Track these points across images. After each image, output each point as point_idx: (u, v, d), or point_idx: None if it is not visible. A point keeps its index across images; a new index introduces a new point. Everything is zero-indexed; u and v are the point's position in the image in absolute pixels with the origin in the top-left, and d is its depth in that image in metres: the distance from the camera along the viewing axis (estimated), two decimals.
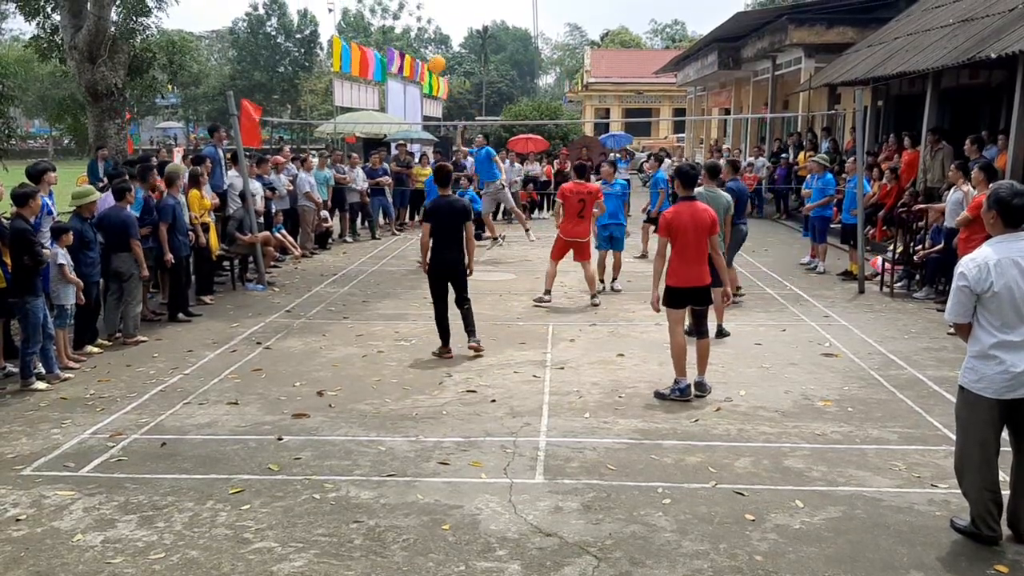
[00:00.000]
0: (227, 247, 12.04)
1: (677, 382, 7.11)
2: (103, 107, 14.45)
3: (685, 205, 7.09)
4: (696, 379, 7.21)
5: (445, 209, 8.34)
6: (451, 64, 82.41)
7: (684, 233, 6.99)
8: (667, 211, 7.17)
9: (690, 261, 7.05)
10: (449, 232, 8.34)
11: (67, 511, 5.08)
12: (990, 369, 4.46)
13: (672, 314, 7.19)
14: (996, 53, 11.03)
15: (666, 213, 7.13)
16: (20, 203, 7.62)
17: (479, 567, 4.40)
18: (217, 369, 8.04)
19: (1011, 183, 4.75)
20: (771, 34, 22.62)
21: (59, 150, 52.37)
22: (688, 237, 7.00)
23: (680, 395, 7.04)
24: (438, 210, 8.36)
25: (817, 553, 4.51)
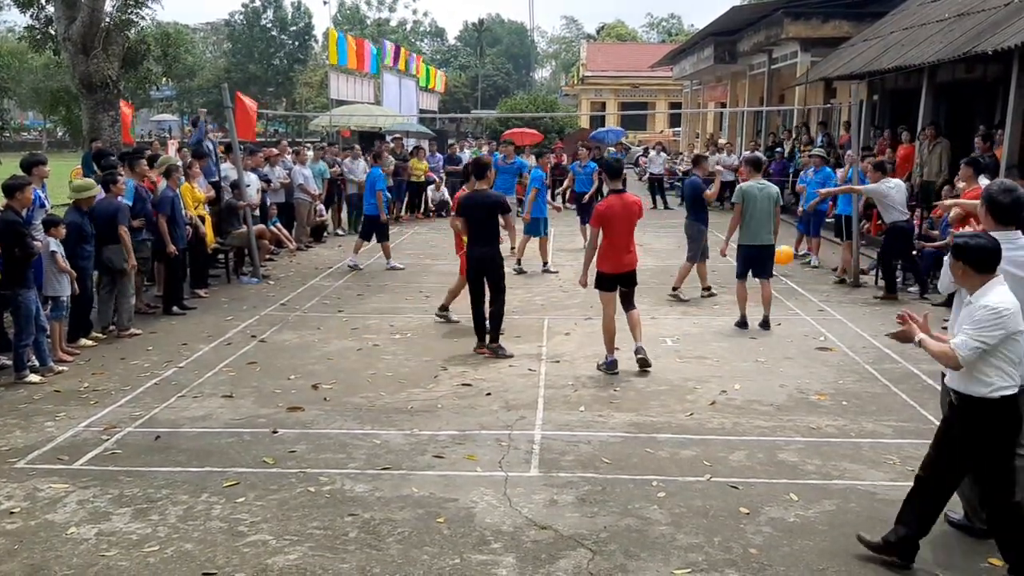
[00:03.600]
0: (222, 240, 12.01)
1: (606, 357, 7.67)
2: (97, 99, 14.40)
3: (616, 197, 7.61)
4: (635, 346, 7.69)
5: (478, 203, 8.27)
6: (447, 57, 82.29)
7: (616, 223, 7.50)
8: (600, 203, 7.72)
9: (621, 249, 7.58)
10: (482, 226, 8.25)
11: (61, 504, 5.07)
12: None
13: (605, 297, 7.69)
14: (992, 48, 11.04)
15: (599, 206, 7.68)
16: (9, 194, 7.59)
17: (474, 560, 4.41)
18: (212, 362, 8.03)
19: (1001, 181, 4.77)
20: (767, 28, 22.61)
21: (53, 142, 52.25)
22: (620, 227, 7.54)
23: (608, 369, 7.60)
24: (471, 204, 8.31)
25: (811, 546, 4.52)
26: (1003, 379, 3.98)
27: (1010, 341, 3.94)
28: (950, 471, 4.23)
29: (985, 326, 3.90)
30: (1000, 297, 3.95)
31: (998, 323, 3.89)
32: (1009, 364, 3.97)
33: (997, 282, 4.02)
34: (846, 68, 17.01)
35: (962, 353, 3.93)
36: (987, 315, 3.91)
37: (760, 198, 9.06)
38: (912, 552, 4.32)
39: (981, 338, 3.90)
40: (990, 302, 3.93)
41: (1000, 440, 4.07)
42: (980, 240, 4.08)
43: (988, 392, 3.99)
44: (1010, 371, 3.98)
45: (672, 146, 35.47)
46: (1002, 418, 4.03)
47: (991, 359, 3.95)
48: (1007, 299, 3.95)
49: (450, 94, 63.72)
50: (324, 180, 16.04)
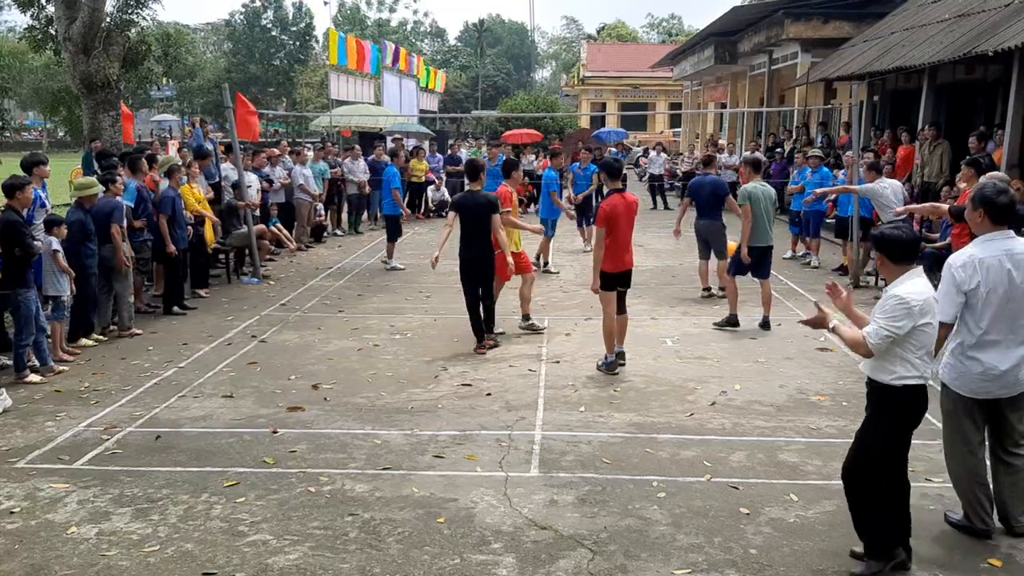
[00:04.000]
0: (223, 240, 12.02)
1: (607, 357, 7.70)
2: (97, 99, 14.41)
3: (618, 196, 7.61)
4: (617, 349, 7.73)
5: (472, 203, 8.35)
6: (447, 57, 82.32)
7: (620, 222, 7.54)
8: (604, 203, 7.65)
9: (623, 248, 7.64)
10: (476, 227, 8.32)
11: (61, 504, 5.07)
12: (972, 369, 4.48)
13: (607, 296, 7.69)
14: (992, 48, 11.04)
15: (604, 205, 7.63)
16: (9, 194, 7.59)
17: (474, 560, 4.41)
18: (212, 362, 8.03)
19: (994, 182, 4.76)
20: (767, 29, 22.60)
21: (53, 142, 52.23)
22: (623, 226, 7.59)
23: (608, 369, 7.64)
24: (465, 204, 8.40)
25: (812, 547, 4.52)
26: (907, 369, 4.06)
27: (917, 332, 4.01)
28: (877, 450, 4.22)
29: (894, 315, 3.98)
30: (910, 288, 4.03)
31: (906, 313, 3.97)
32: (914, 355, 4.05)
33: (914, 273, 4.11)
34: (846, 69, 17.01)
35: (872, 341, 4.02)
36: (896, 305, 3.99)
37: (763, 199, 9.13)
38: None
39: (889, 327, 3.98)
40: (900, 292, 4.02)
41: (895, 427, 4.15)
42: (897, 232, 4.16)
43: (891, 380, 4.08)
44: (915, 362, 4.06)
45: (672, 147, 35.46)
46: (901, 407, 4.11)
47: (897, 349, 4.04)
48: (917, 290, 4.02)
49: (450, 94, 63.78)
50: (324, 180, 16.04)
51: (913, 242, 4.14)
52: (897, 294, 4.02)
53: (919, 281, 4.07)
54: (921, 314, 3.99)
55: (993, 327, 4.42)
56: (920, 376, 4.08)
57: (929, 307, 4.03)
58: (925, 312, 4.00)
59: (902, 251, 4.13)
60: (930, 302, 4.04)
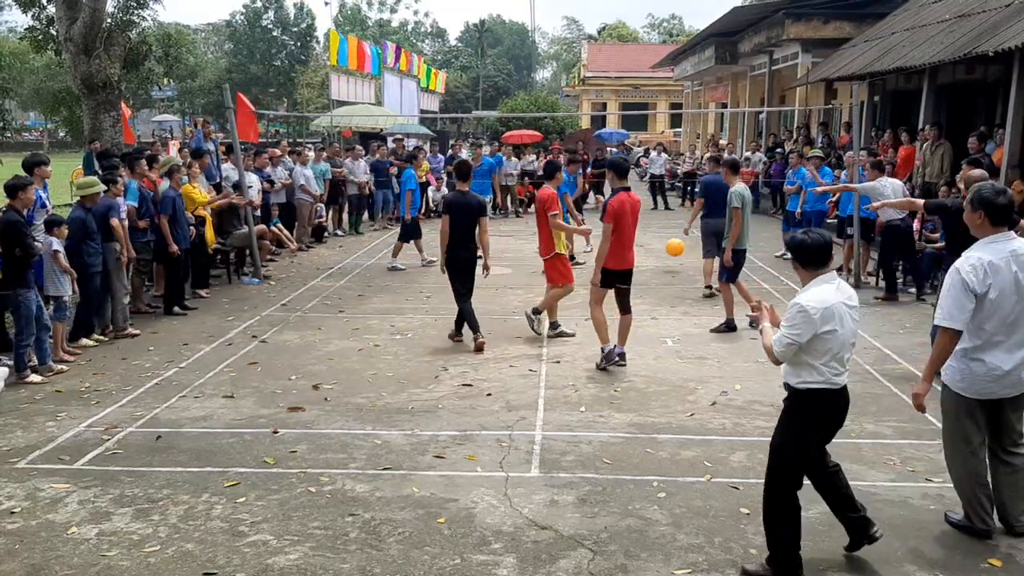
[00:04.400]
0: (223, 240, 12.02)
1: (603, 348, 7.79)
2: (98, 99, 14.39)
3: (624, 194, 7.70)
4: (618, 350, 7.80)
5: (463, 205, 8.52)
6: (448, 58, 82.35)
7: (626, 219, 7.66)
8: (612, 200, 7.72)
9: (627, 245, 7.79)
10: (466, 228, 8.48)
11: (62, 504, 5.08)
12: (975, 370, 4.47)
13: (599, 292, 7.84)
14: (992, 49, 11.03)
15: (612, 201, 7.69)
16: (11, 194, 7.61)
17: (475, 560, 4.41)
18: (212, 362, 8.03)
19: (991, 183, 4.77)
20: (768, 29, 22.60)
21: (54, 143, 52.25)
22: (629, 223, 7.70)
23: (607, 361, 7.73)
24: (457, 205, 8.53)
25: (811, 546, 4.51)
26: (812, 374, 4.12)
27: (819, 339, 4.04)
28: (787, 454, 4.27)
29: (794, 323, 4.05)
30: (812, 297, 4.07)
31: (804, 321, 4.02)
32: (819, 361, 4.09)
33: (822, 280, 4.15)
34: (847, 69, 17.01)
35: (776, 349, 4.13)
36: (796, 313, 4.06)
37: (750, 202, 9.23)
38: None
39: (790, 335, 4.06)
40: (802, 300, 4.08)
41: (803, 429, 4.21)
42: (806, 238, 4.19)
43: (797, 383, 4.17)
44: (820, 367, 4.11)
45: (673, 147, 35.47)
46: (808, 410, 4.19)
47: (803, 355, 4.10)
48: (820, 299, 4.05)
49: (451, 95, 63.79)
50: (325, 181, 16.05)
51: (822, 248, 4.16)
52: (799, 302, 4.07)
53: (825, 288, 4.11)
54: (822, 322, 4.01)
55: (999, 329, 4.42)
56: (826, 381, 4.13)
57: (831, 315, 4.04)
58: (827, 320, 4.02)
59: (810, 256, 4.17)
60: (832, 310, 4.04)
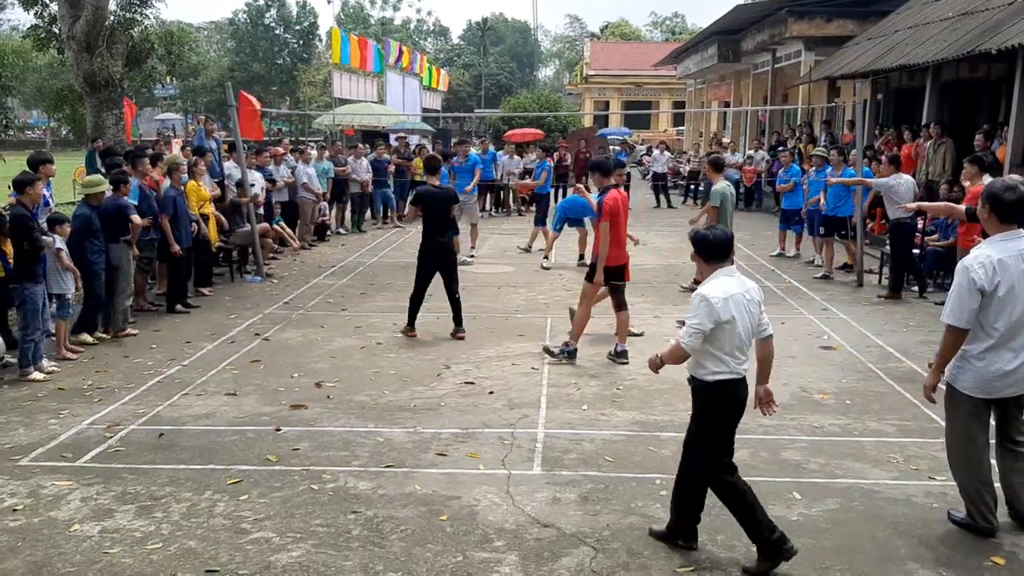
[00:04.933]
0: (226, 239, 12.03)
1: (568, 344, 7.92)
2: (101, 98, 14.41)
3: (616, 192, 7.86)
4: (620, 348, 7.93)
5: (437, 196, 8.77)
6: (450, 56, 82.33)
7: (621, 216, 7.83)
8: (607, 198, 7.79)
9: (623, 241, 7.99)
10: (439, 218, 8.73)
11: (64, 501, 5.08)
12: (985, 371, 4.45)
13: (594, 289, 7.92)
14: (996, 47, 11.02)
15: (607, 200, 7.77)
16: (19, 190, 7.65)
17: (477, 558, 4.41)
18: (215, 360, 8.04)
19: (1003, 179, 4.74)
20: (771, 27, 22.59)
21: (57, 141, 52.28)
22: (622, 218, 7.89)
23: (568, 357, 7.84)
24: (427, 197, 8.77)
25: (814, 545, 4.51)
26: (718, 365, 4.25)
27: (720, 330, 4.18)
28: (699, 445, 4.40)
29: (698, 313, 4.18)
30: (713, 287, 4.23)
31: (708, 311, 4.15)
32: (724, 351, 4.22)
33: (722, 273, 4.31)
34: (850, 67, 16.99)
35: (684, 342, 4.23)
36: (699, 303, 4.20)
37: (731, 199, 9.24)
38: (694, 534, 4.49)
39: (696, 325, 4.18)
40: (704, 291, 4.23)
41: (714, 420, 4.33)
42: (708, 233, 4.37)
43: (704, 375, 4.29)
44: (725, 358, 4.23)
45: (676, 145, 35.44)
46: (717, 401, 4.30)
47: (708, 346, 4.23)
48: (723, 289, 4.20)
49: (453, 93, 63.74)
50: (328, 179, 16.06)
51: (723, 243, 4.32)
52: (702, 293, 4.22)
53: (726, 280, 4.27)
54: (724, 311, 4.15)
55: (1009, 328, 4.39)
56: (731, 372, 4.25)
57: (732, 305, 4.18)
58: (728, 309, 4.16)
59: (712, 251, 4.33)
60: (732, 301, 4.19)
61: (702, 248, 4.36)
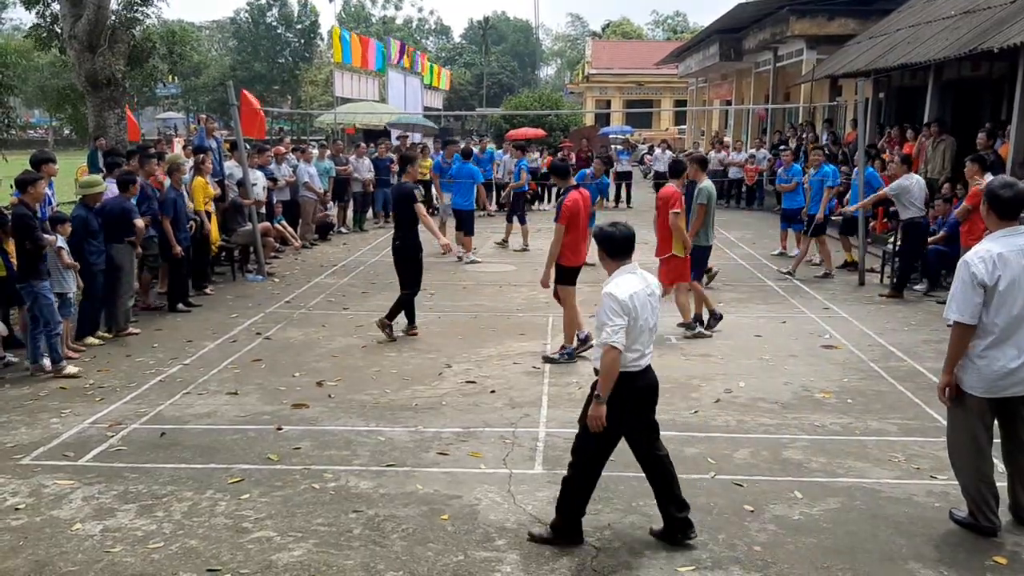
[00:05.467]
0: (227, 238, 12.03)
1: (564, 348, 8.01)
2: (103, 97, 14.38)
3: (576, 193, 7.94)
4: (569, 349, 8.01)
5: (394, 194, 9.00)
6: (452, 55, 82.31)
7: (581, 215, 7.89)
8: (567, 199, 7.87)
9: (584, 239, 8.06)
10: (396, 217, 8.92)
11: (66, 500, 5.08)
12: (987, 369, 4.44)
13: (570, 291, 8.00)
14: (998, 45, 11.00)
15: (567, 201, 7.86)
16: (22, 189, 7.66)
17: (478, 557, 4.41)
18: (217, 359, 8.04)
19: (1001, 177, 4.75)
20: (772, 26, 22.57)
21: (59, 140, 52.32)
22: (583, 218, 7.98)
23: (569, 358, 7.92)
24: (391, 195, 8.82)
25: (816, 544, 4.51)
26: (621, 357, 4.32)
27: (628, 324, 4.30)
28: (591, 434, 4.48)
29: (611, 311, 4.27)
30: (618, 285, 4.35)
31: (621, 308, 4.27)
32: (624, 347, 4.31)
33: (625, 270, 4.44)
34: (852, 66, 16.97)
35: (610, 342, 4.26)
36: (608, 301, 4.30)
37: (715, 198, 9.22)
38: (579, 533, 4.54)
39: (613, 323, 4.26)
40: (611, 290, 4.33)
41: (612, 410, 4.37)
42: (612, 229, 4.48)
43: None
44: (624, 352, 4.31)
45: (677, 144, 35.42)
46: (616, 390, 4.35)
47: None
48: (626, 286, 4.33)
49: (455, 92, 63.73)
50: (330, 178, 16.06)
51: (627, 240, 4.47)
52: (610, 292, 4.32)
53: (629, 278, 4.40)
54: (630, 306, 4.29)
55: (1009, 324, 4.39)
56: (633, 364, 4.40)
57: (636, 302, 4.31)
58: (633, 306, 4.30)
59: (617, 248, 4.46)
60: (636, 297, 4.32)
61: (607, 244, 4.48)
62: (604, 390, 4.30)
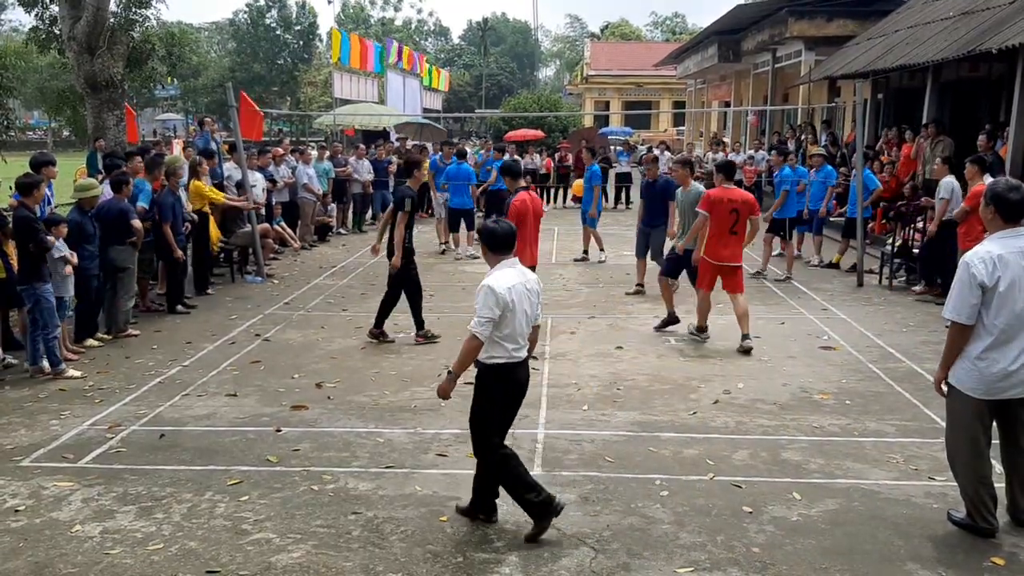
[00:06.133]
0: (226, 239, 12.03)
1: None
2: (102, 98, 14.39)
3: (525, 194, 8.05)
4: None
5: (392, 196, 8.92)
6: (451, 56, 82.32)
7: (528, 217, 7.91)
8: (515, 200, 7.99)
9: (530, 242, 8.04)
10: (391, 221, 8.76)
11: (66, 502, 5.09)
12: (984, 370, 4.45)
13: None
14: (996, 46, 11.01)
15: (515, 202, 7.96)
16: (24, 192, 7.66)
17: (477, 558, 4.41)
18: (216, 361, 8.05)
19: (1006, 179, 4.75)
20: (771, 27, 22.58)
21: (58, 142, 52.30)
22: (531, 221, 7.97)
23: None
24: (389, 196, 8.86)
25: (814, 545, 4.52)
26: (497, 350, 4.56)
27: (502, 317, 4.48)
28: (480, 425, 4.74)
29: (487, 303, 4.46)
30: (497, 279, 4.53)
31: (496, 301, 4.44)
32: (500, 337, 4.52)
33: (505, 265, 4.64)
34: (850, 67, 16.99)
35: (477, 331, 4.47)
36: (483, 294, 4.48)
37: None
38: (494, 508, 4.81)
39: (483, 314, 4.45)
40: (489, 282, 4.50)
41: (490, 400, 4.65)
42: (495, 226, 4.71)
43: (484, 359, 4.59)
44: (504, 344, 4.54)
45: (676, 145, 35.41)
46: (492, 381, 4.62)
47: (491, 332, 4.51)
48: (504, 280, 4.52)
49: (454, 93, 63.75)
50: (329, 179, 16.07)
51: (508, 235, 4.67)
52: (487, 284, 4.50)
53: (508, 271, 4.60)
54: (507, 300, 4.45)
55: (1010, 325, 4.40)
56: (509, 356, 4.56)
57: (513, 295, 4.48)
58: (511, 298, 4.47)
59: (498, 242, 4.65)
60: (514, 290, 4.49)
61: (489, 240, 4.68)
62: (457, 369, 4.62)
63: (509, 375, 4.62)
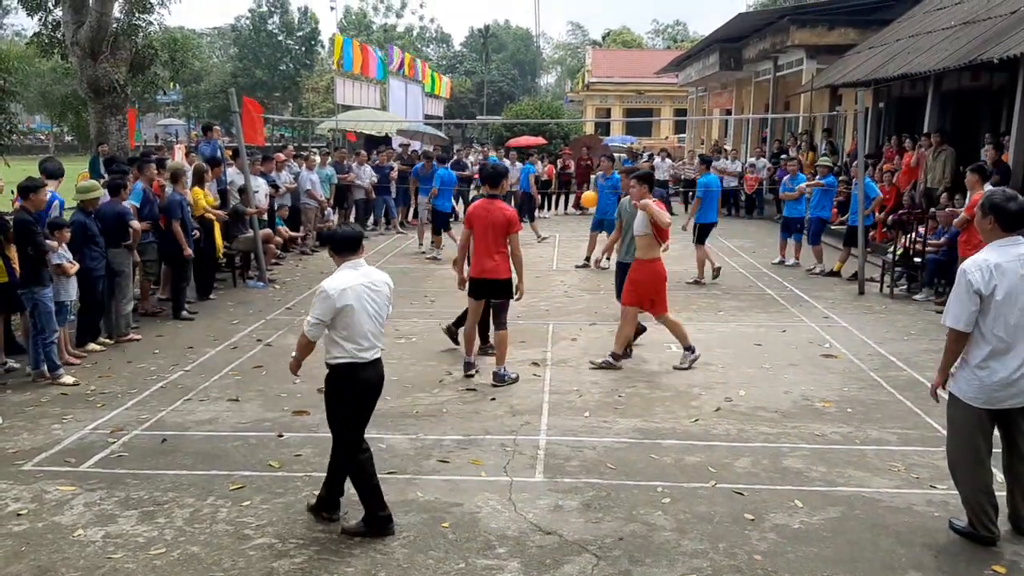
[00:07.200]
0: (229, 245, 12.05)
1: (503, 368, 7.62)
2: (105, 103, 14.44)
3: (485, 201, 7.71)
4: (493, 370, 7.57)
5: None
6: (452, 63, 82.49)
7: (475, 224, 7.58)
8: (471, 207, 7.90)
9: (479, 253, 7.61)
10: None
11: (68, 506, 5.09)
12: (984, 379, 4.47)
13: (469, 303, 7.85)
14: (998, 56, 11.04)
15: (470, 208, 7.90)
16: (24, 195, 7.67)
17: (479, 565, 4.42)
18: (218, 366, 8.05)
19: (1003, 189, 4.78)
20: (773, 35, 22.62)
21: (60, 146, 52.40)
22: (478, 230, 7.58)
23: (465, 369, 7.76)
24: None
25: (816, 553, 4.52)
26: (338, 350, 4.65)
27: (340, 317, 4.57)
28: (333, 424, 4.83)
29: (316, 305, 4.60)
30: (334, 280, 4.62)
31: (324, 300, 4.55)
32: (340, 337, 4.62)
33: (348, 266, 4.74)
34: (852, 75, 17.02)
35: (305, 331, 4.65)
36: (319, 296, 4.60)
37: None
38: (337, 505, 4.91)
39: (314, 315, 4.60)
40: (324, 284, 4.61)
41: (338, 399, 4.73)
42: (337, 230, 4.89)
43: (328, 359, 4.70)
44: (344, 344, 4.63)
45: (677, 152, 35.44)
46: (336, 382, 4.71)
47: (330, 332, 4.64)
48: (339, 282, 4.60)
49: (456, 100, 63.80)
50: (331, 185, 16.10)
51: (350, 238, 4.79)
52: (322, 286, 4.60)
53: (348, 272, 4.69)
54: (339, 300, 4.54)
55: (1007, 334, 4.41)
56: (350, 355, 4.64)
57: (348, 295, 4.57)
58: (344, 299, 4.55)
59: (341, 245, 4.76)
60: (349, 291, 4.57)
61: (330, 243, 4.85)
62: (291, 363, 4.93)
63: (353, 374, 4.68)
